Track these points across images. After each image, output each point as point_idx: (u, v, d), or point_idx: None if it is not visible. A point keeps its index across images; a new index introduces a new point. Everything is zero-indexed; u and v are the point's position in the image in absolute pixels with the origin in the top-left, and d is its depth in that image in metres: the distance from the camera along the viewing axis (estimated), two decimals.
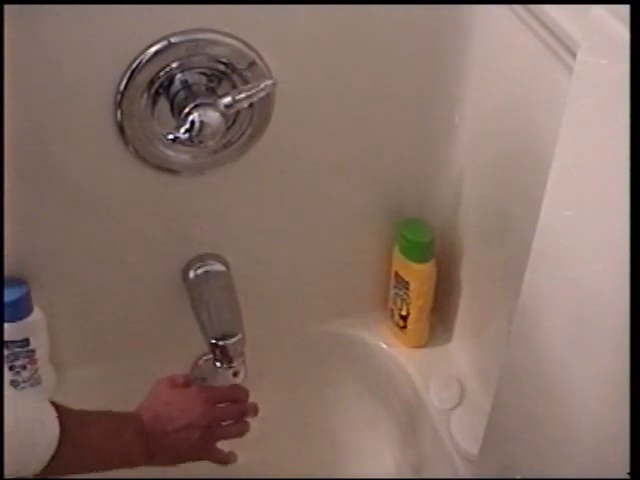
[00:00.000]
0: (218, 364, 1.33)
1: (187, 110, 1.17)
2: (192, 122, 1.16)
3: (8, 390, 1.30)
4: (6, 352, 1.35)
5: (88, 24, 1.15)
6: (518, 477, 1.10)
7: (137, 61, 1.18)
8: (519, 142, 1.22)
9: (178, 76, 1.21)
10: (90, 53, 1.17)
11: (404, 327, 1.53)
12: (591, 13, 0.80)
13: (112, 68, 1.19)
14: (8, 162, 1.21)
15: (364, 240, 1.50)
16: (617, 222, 0.80)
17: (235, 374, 1.54)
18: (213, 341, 1.30)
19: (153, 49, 1.18)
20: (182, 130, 1.16)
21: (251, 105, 1.23)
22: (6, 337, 1.33)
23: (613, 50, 0.78)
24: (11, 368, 1.37)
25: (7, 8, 1.06)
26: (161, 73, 1.20)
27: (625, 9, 0.75)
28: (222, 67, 1.22)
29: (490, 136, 1.31)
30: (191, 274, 1.41)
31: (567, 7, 1.03)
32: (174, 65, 1.20)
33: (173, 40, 1.18)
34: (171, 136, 1.18)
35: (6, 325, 1.32)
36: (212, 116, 1.16)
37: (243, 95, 1.19)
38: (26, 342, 1.35)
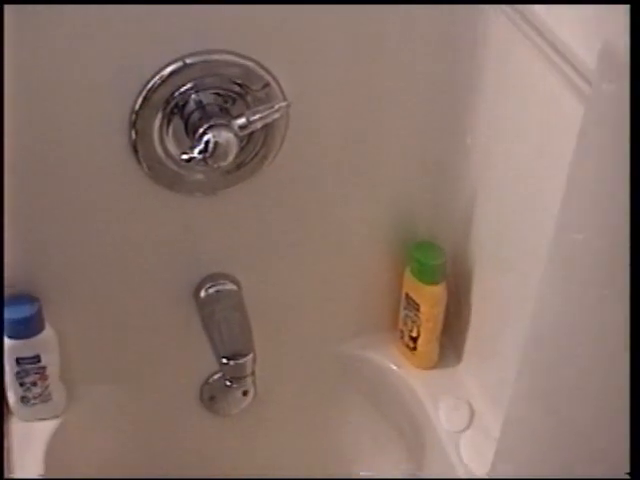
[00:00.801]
0: (228, 383, 1.34)
1: (201, 131, 1.17)
2: (206, 143, 1.16)
3: None
4: (17, 368, 1.35)
5: (105, 43, 1.16)
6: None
7: (152, 81, 1.19)
8: (531, 165, 1.22)
9: (193, 96, 1.21)
10: (106, 72, 1.18)
11: (414, 348, 1.53)
12: (604, 40, 0.80)
13: (127, 87, 1.20)
14: (22, 179, 1.22)
15: (376, 261, 1.50)
16: (627, 246, 0.80)
17: (244, 393, 1.54)
18: (224, 360, 1.30)
19: (168, 69, 1.19)
20: (196, 151, 1.17)
21: (265, 126, 1.23)
22: (17, 354, 1.34)
23: (625, 77, 0.78)
24: (21, 384, 1.37)
25: (20, 22, 1.08)
26: (176, 93, 1.21)
27: None
28: (237, 88, 1.23)
29: (502, 159, 1.31)
30: (202, 293, 1.41)
31: (581, 33, 1.03)
32: (189, 85, 1.21)
33: (188, 61, 1.19)
34: (185, 156, 1.18)
35: (18, 342, 1.33)
36: (226, 137, 1.17)
37: (257, 116, 1.20)
38: (37, 359, 1.35)
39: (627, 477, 0.81)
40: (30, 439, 1.39)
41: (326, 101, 1.30)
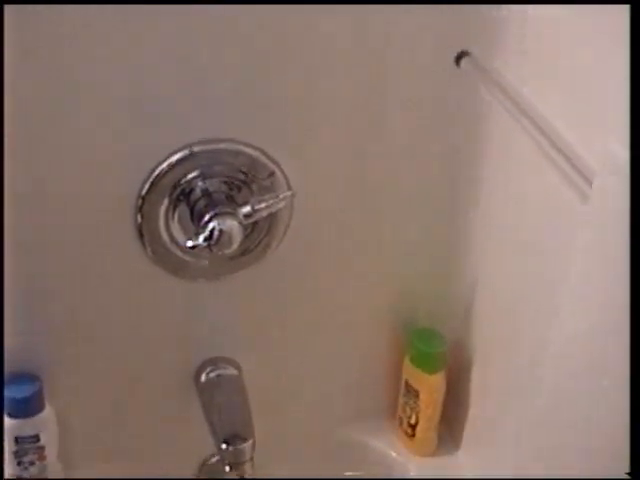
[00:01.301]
0: (227, 468, 1.33)
1: (207, 218, 1.18)
2: (211, 230, 1.17)
3: None
4: (15, 448, 1.35)
5: (114, 130, 1.18)
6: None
7: (159, 168, 1.21)
8: (532, 255, 1.23)
9: (199, 184, 1.23)
10: (114, 158, 1.20)
11: (413, 435, 1.53)
12: (607, 146, 0.82)
13: (135, 173, 1.22)
14: (25, 257, 1.23)
15: (376, 348, 1.51)
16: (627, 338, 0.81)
17: (242, 476, 1.53)
18: (224, 446, 1.30)
19: (175, 157, 1.21)
20: (201, 238, 1.18)
21: (270, 214, 1.25)
22: (17, 433, 1.34)
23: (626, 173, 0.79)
24: (19, 464, 1.37)
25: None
26: (182, 180, 1.23)
27: None
28: (242, 176, 1.24)
29: (503, 248, 1.32)
30: (203, 377, 1.41)
31: (584, 135, 1.05)
32: (195, 173, 1.22)
33: (195, 149, 1.21)
34: (190, 243, 1.19)
35: (18, 421, 1.33)
36: (231, 225, 1.18)
37: (262, 205, 1.22)
38: (36, 438, 1.35)
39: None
40: None
41: (330, 189, 1.32)
